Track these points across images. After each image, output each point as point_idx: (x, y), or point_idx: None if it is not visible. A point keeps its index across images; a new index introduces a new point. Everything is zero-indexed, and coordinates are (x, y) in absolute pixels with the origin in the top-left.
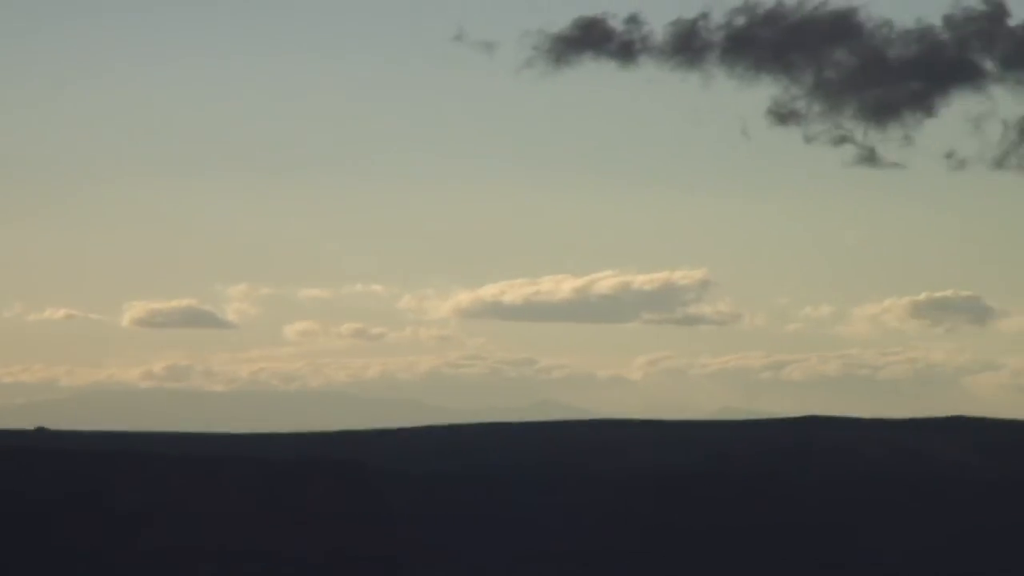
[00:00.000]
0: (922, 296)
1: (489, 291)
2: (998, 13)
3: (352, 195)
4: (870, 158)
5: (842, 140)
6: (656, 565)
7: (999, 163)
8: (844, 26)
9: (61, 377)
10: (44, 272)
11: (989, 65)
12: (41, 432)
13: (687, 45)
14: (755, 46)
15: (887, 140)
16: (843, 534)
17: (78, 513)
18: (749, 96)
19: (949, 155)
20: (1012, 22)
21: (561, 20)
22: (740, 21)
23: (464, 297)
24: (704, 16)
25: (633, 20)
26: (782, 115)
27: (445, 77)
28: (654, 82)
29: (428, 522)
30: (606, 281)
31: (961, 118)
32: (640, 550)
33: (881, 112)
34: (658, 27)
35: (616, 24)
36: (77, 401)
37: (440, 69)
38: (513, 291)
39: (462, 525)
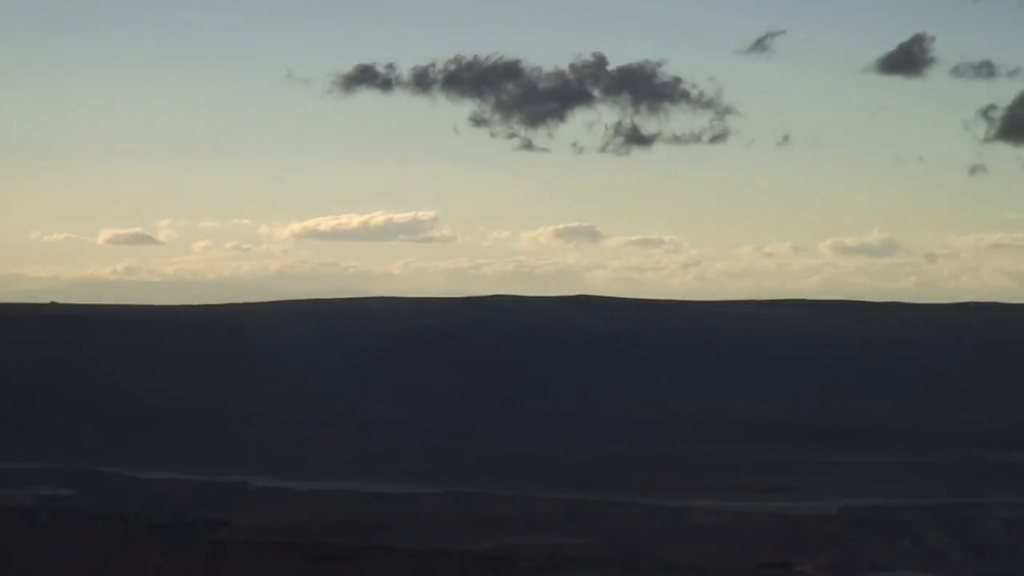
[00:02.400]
0: (561, 226)
1: (311, 223)
2: (601, 62)
3: (216, 178)
4: (528, 146)
5: (512, 135)
6: (410, 396)
7: (603, 148)
8: (512, 70)
9: (63, 274)
10: (49, 203)
11: (596, 92)
12: (54, 305)
13: (422, 80)
14: (461, 81)
15: (538, 135)
16: (522, 368)
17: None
18: (459, 110)
19: (575, 144)
20: (609, 67)
21: (348, 65)
22: (452, 67)
23: (295, 227)
24: (432, 64)
25: (390, 66)
26: (478, 121)
27: (284, 101)
28: (403, 103)
29: (284, 363)
30: (379, 217)
31: (581, 123)
32: (400, 383)
33: (535, 119)
34: (405, 70)
35: (380, 68)
36: (75, 287)
37: (279, 95)
38: (324, 223)
39: (302, 365)
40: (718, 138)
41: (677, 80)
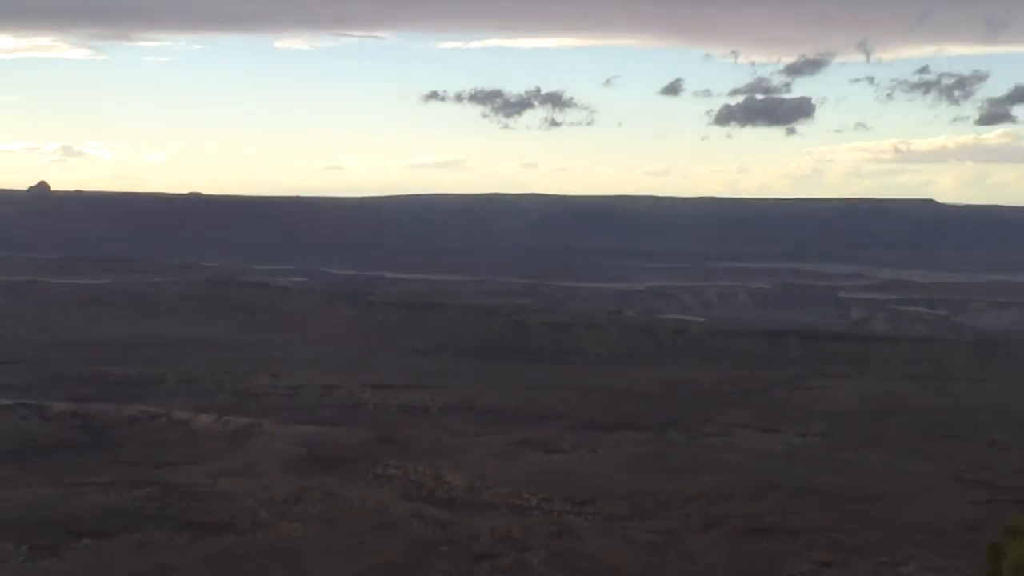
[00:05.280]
0: (521, 162)
1: (410, 161)
2: (538, 90)
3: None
4: (507, 126)
5: (499, 122)
6: (455, 236)
7: (539, 127)
8: (499, 93)
9: (293, 184)
10: (293, 151)
11: (535, 103)
12: (298, 199)
13: (459, 97)
14: (476, 98)
15: (511, 121)
16: (504, 224)
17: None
18: (475, 110)
19: (527, 125)
20: (542, 92)
21: (425, 90)
22: (472, 91)
23: (403, 161)
24: (463, 90)
25: (444, 91)
26: (484, 115)
27: (395, 106)
28: (450, 108)
29: (398, 224)
30: (440, 158)
31: (530, 116)
32: (451, 231)
33: (510, 114)
34: (451, 93)
35: (439, 92)
36: (305, 190)
37: (397, 104)
38: (415, 160)
39: (405, 225)
40: (590, 124)
41: (571, 98)
